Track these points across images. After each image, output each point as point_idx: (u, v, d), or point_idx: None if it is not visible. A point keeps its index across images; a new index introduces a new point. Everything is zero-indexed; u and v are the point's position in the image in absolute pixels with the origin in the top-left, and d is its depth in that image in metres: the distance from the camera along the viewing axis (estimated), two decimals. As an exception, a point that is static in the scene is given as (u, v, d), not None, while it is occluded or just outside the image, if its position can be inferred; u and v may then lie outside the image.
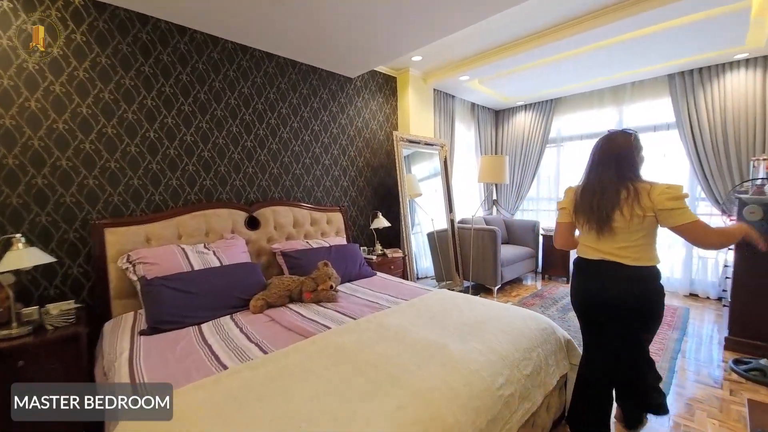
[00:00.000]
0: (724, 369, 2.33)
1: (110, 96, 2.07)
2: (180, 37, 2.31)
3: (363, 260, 2.82)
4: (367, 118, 3.56)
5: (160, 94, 2.25)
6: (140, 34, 2.15)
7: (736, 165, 3.31)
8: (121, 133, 2.12)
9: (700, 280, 3.80)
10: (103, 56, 2.03)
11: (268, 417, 1.03)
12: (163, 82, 2.26)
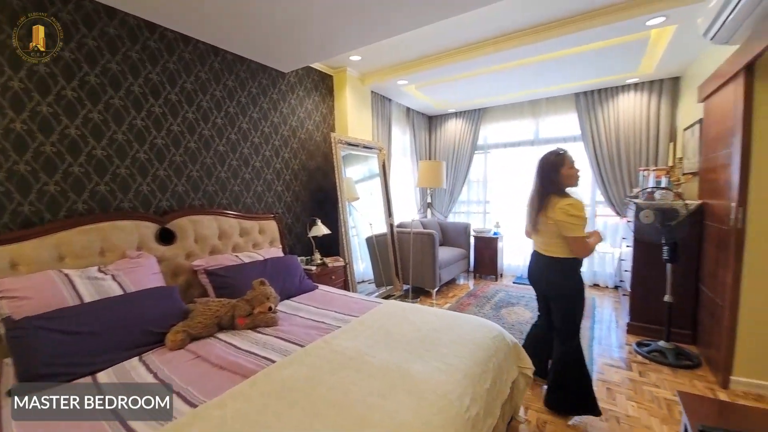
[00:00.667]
0: (629, 351, 2.68)
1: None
2: (62, 4, 1.79)
3: (303, 273, 2.58)
4: (303, 117, 3.31)
5: (30, 75, 1.72)
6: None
7: (627, 174, 3.90)
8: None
9: (600, 271, 4.40)
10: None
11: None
12: (32, 65, 1.72)
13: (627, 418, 1.91)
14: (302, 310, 2.09)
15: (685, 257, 2.60)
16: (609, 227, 4.34)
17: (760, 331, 1.98)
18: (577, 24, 2.59)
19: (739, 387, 2.08)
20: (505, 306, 3.67)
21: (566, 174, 1.82)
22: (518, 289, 4.27)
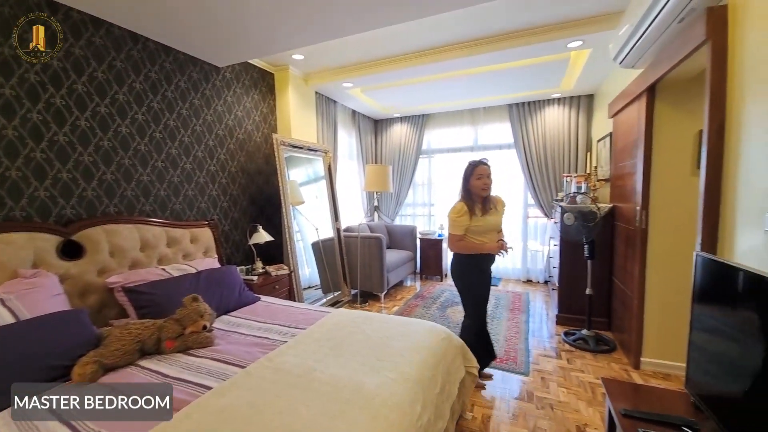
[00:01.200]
0: (558, 341, 2.95)
1: None
2: None
3: (243, 284, 2.39)
4: (241, 116, 3.08)
5: None
6: None
7: (554, 180, 4.31)
8: None
9: (532, 268, 4.79)
10: None
11: None
12: None
13: (559, 404, 2.08)
14: (242, 326, 1.92)
15: (600, 254, 2.94)
16: (539, 227, 4.76)
17: (663, 317, 2.30)
18: (510, 41, 2.78)
19: (649, 367, 2.39)
20: (451, 305, 3.81)
21: (473, 183, 2.10)
22: (461, 289, 4.46)
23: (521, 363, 2.56)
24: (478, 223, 2.09)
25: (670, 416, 1.19)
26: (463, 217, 2.07)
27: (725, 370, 1.12)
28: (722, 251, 1.53)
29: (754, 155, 1.32)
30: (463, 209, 2.07)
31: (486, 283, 2.25)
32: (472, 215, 2.08)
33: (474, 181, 2.10)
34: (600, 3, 2.32)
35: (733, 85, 1.44)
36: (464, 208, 2.08)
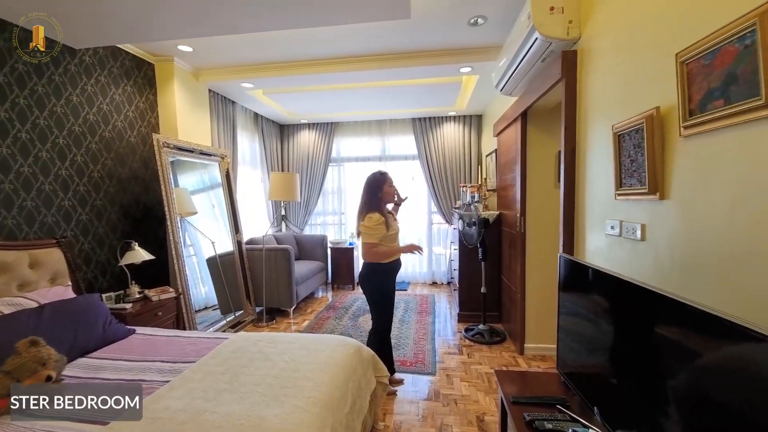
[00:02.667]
0: (460, 338, 3.20)
1: None
2: None
3: (109, 315, 1.94)
4: (107, 110, 2.55)
5: None
6: None
7: (453, 189, 4.72)
8: None
9: (437, 271, 5.15)
10: None
11: None
12: None
13: (462, 398, 2.24)
14: (107, 369, 1.55)
15: (492, 256, 3.32)
16: (442, 233, 5.15)
17: (541, 307, 2.68)
18: (410, 60, 2.96)
19: (531, 352, 2.76)
20: (363, 314, 3.81)
21: (386, 191, 2.20)
22: (372, 296, 4.52)
23: (428, 364, 2.69)
24: (393, 231, 2.20)
25: (547, 397, 1.37)
26: (381, 226, 2.12)
27: (584, 348, 1.35)
28: (578, 252, 1.85)
29: (597, 173, 1.64)
30: (381, 220, 2.12)
31: (394, 289, 2.31)
32: (388, 224, 2.16)
33: (387, 188, 2.21)
34: (486, 36, 2.64)
35: (581, 116, 1.78)
36: (381, 218, 2.12)
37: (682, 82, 1.05)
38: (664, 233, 1.19)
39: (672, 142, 1.14)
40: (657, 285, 0.98)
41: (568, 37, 1.77)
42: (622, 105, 1.42)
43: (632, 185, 1.34)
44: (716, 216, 0.97)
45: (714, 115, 0.94)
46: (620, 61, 1.44)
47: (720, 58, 0.91)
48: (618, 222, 1.46)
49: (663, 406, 0.91)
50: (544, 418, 1.22)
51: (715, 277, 0.98)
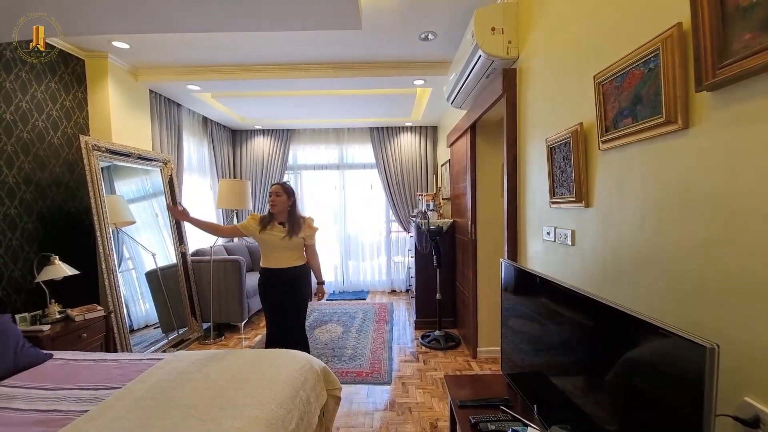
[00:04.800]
0: (417, 345, 3.23)
1: None
2: None
3: (21, 339, 1.71)
4: (26, 108, 2.29)
5: None
6: None
7: (410, 198, 4.81)
8: None
9: (396, 279, 5.18)
10: None
11: None
12: None
13: (417, 405, 2.24)
14: (18, 399, 1.35)
15: (446, 263, 3.40)
16: (400, 241, 5.20)
17: (491, 311, 2.77)
18: (366, 70, 3.00)
19: (483, 355, 2.85)
20: (319, 326, 3.71)
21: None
22: (332, 305, 4.43)
23: (384, 373, 2.67)
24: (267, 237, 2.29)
25: (493, 399, 1.41)
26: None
27: (523, 348, 1.41)
28: (520, 257, 1.96)
29: (535, 183, 1.75)
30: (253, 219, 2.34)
31: (266, 297, 2.41)
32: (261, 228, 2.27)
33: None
34: (437, 50, 2.75)
35: (521, 129, 1.89)
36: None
37: (599, 101, 1.15)
38: (589, 238, 1.30)
39: (593, 155, 1.25)
40: (582, 286, 1.06)
41: (507, 56, 1.89)
42: (554, 120, 1.53)
43: (563, 194, 1.44)
44: (629, 223, 1.07)
45: (624, 131, 1.04)
46: (551, 79, 1.56)
47: (628, 80, 1.01)
48: (552, 228, 1.56)
49: (590, 398, 0.98)
50: (488, 420, 1.25)
51: (630, 276, 1.07)
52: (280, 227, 2.26)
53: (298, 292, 2.33)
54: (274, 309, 2.33)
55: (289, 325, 2.34)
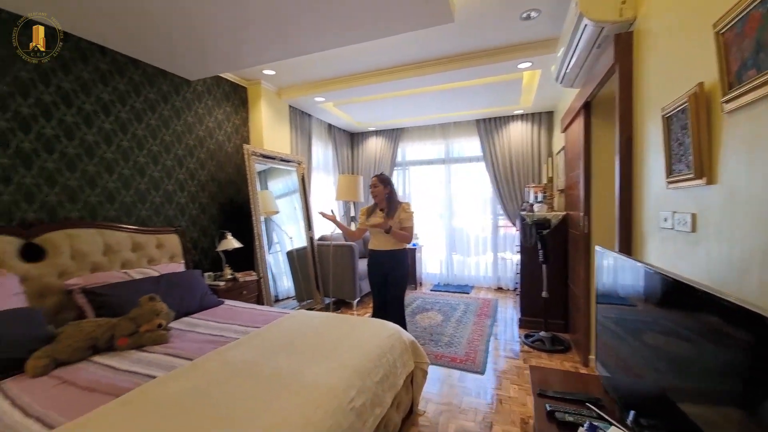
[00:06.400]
0: (520, 343, 3.07)
1: None
2: None
3: (206, 288, 2.44)
4: (212, 127, 3.19)
5: None
6: None
7: (519, 191, 4.52)
8: None
9: (503, 276, 4.95)
10: None
11: None
12: None
13: (509, 399, 2.19)
14: (200, 326, 1.98)
15: (556, 260, 3.11)
16: (508, 237, 4.93)
17: (604, 314, 2.45)
18: (465, 62, 3.00)
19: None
20: (420, 312, 3.90)
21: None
22: (434, 296, 4.58)
23: (479, 363, 2.66)
24: (369, 224, 2.62)
25: (578, 394, 1.31)
26: (361, 216, 2.71)
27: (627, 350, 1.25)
28: (635, 248, 1.69)
29: (651, 163, 1.50)
30: (362, 210, 2.76)
31: (370, 274, 2.72)
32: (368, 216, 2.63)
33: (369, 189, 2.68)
34: (542, 29, 2.56)
35: (638, 102, 1.64)
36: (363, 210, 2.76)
37: (721, 53, 0.96)
38: (713, 222, 1.08)
39: (716, 119, 1.04)
40: (702, 280, 0.90)
41: (621, 19, 1.66)
42: (671, 85, 1.30)
43: (681, 171, 1.22)
44: (764, 200, 0.86)
45: (749, 85, 0.85)
46: (668, 38, 1.33)
47: (749, 24, 0.83)
48: (670, 213, 1.33)
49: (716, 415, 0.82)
50: (566, 411, 1.19)
51: (761, 270, 0.87)
52: (381, 213, 2.57)
53: (396, 271, 2.58)
54: (376, 285, 2.65)
55: (389, 300, 2.61)
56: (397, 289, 2.61)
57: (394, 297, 2.61)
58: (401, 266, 2.59)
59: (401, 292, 2.64)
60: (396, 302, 2.61)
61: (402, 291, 2.65)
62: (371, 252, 2.63)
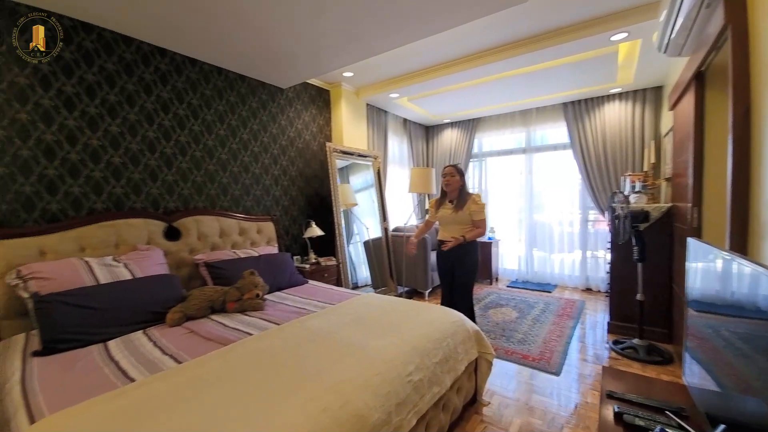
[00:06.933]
0: (606, 349, 2.78)
1: (2, 96, 1.85)
2: (86, 35, 2.15)
3: (294, 269, 2.82)
4: (300, 128, 3.61)
5: (59, 94, 2.06)
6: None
7: (615, 180, 4.00)
8: (12, 135, 1.89)
9: (593, 276, 4.46)
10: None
11: (170, 427, 1.01)
12: (64, 81, 2.07)
13: (585, 404, 2.03)
14: (288, 300, 2.32)
15: (659, 259, 2.71)
16: (600, 232, 4.42)
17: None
18: (551, 40, 2.79)
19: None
20: (494, 307, 3.80)
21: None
22: (510, 292, 4.38)
23: (554, 364, 2.51)
24: (439, 216, 2.66)
25: (656, 400, 1.18)
26: (431, 209, 2.74)
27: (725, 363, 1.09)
28: (753, 246, 1.42)
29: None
30: (431, 202, 2.77)
31: (439, 266, 2.77)
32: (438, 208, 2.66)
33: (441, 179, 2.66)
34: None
35: (757, 70, 1.36)
36: (432, 202, 2.77)
37: None
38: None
39: None
40: None
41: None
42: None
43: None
44: None
45: None
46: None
47: None
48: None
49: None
50: (637, 415, 1.10)
51: None
52: (450, 204, 2.60)
53: (464, 262, 2.59)
54: (444, 275, 2.70)
55: (457, 290, 2.64)
56: (466, 278, 2.61)
57: (461, 286, 2.62)
58: (469, 256, 2.59)
59: (470, 281, 2.64)
60: (464, 292, 2.63)
61: (470, 281, 2.65)
62: (440, 242, 2.68)
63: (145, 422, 1.03)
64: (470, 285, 2.65)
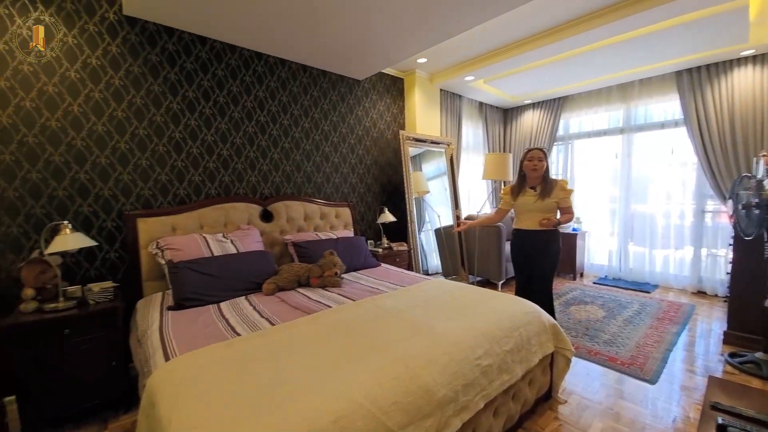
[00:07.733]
0: (720, 361, 2.37)
1: (141, 101, 2.33)
2: (201, 47, 2.55)
3: (368, 252, 3.00)
4: (375, 118, 3.74)
5: (184, 98, 2.50)
6: (167, 45, 2.41)
7: (744, 161, 3.29)
8: (150, 134, 2.37)
9: (708, 278, 3.78)
10: (135, 66, 2.29)
11: (266, 375, 1.21)
12: (186, 87, 2.50)
13: (686, 418, 1.79)
14: (362, 280, 2.50)
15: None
16: (721, 228, 3.70)
17: None
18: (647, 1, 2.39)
19: None
20: (577, 304, 3.51)
21: (524, 165, 2.45)
22: (598, 289, 3.98)
23: (649, 371, 2.25)
24: (519, 203, 2.47)
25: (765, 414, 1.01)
26: (505, 195, 2.56)
27: None
28: None
29: None
30: (507, 189, 2.57)
31: (515, 255, 2.58)
32: (516, 195, 2.48)
33: (525, 163, 2.44)
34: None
35: None
36: (508, 188, 2.57)
37: None
38: None
39: None
40: None
41: None
42: None
43: None
44: None
45: None
46: None
47: None
48: None
49: None
50: (743, 428, 0.96)
51: None
52: (531, 191, 2.42)
53: (546, 251, 2.42)
54: (519, 266, 2.55)
55: (535, 281, 2.47)
56: (547, 269, 2.44)
57: (540, 279, 2.46)
58: (552, 245, 2.41)
59: (550, 273, 2.46)
60: (543, 285, 2.46)
61: (551, 273, 2.47)
62: (518, 231, 2.50)
63: (248, 368, 1.25)
64: (550, 277, 2.48)
